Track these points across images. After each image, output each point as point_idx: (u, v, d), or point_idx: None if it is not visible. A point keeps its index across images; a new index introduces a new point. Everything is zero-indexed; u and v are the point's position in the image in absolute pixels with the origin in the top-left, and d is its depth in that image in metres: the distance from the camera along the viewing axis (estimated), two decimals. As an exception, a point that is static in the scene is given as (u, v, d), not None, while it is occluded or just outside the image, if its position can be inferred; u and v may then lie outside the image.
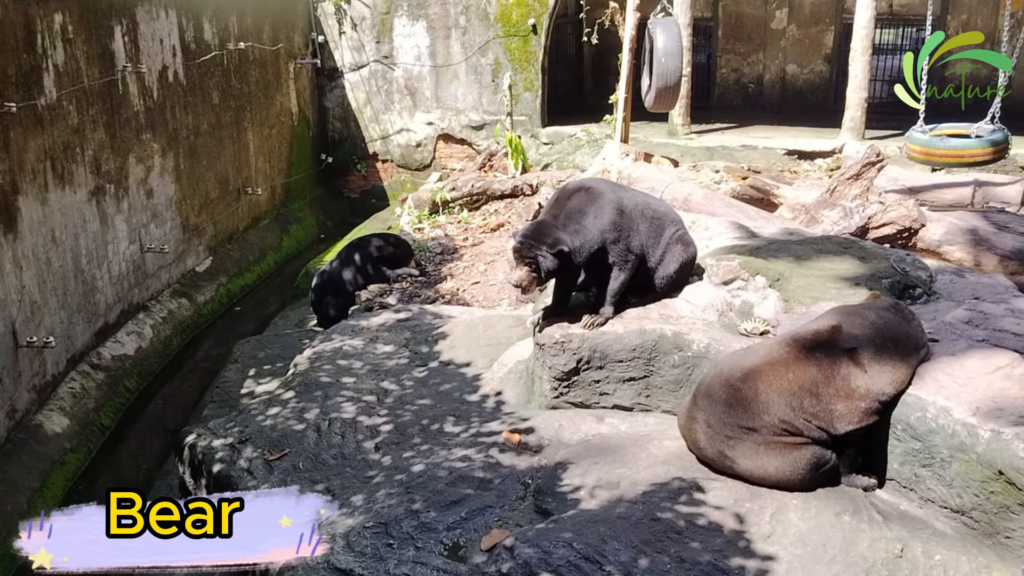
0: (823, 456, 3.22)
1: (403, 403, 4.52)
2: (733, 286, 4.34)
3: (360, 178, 14.12)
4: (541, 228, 3.87)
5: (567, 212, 3.91)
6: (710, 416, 3.35)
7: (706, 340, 3.96)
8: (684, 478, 3.33)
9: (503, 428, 4.06)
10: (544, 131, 12.93)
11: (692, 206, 7.02)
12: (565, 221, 3.88)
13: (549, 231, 3.83)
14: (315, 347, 5.53)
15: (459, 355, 5.08)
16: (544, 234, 3.82)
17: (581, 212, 3.91)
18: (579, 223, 3.89)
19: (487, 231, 9.51)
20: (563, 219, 3.88)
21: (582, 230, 3.89)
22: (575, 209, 3.92)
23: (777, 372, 3.24)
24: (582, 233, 3.88)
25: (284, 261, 11.52)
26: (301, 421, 4.39)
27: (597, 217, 3.91)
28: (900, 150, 9.28)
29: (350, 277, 7.73)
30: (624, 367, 4.06)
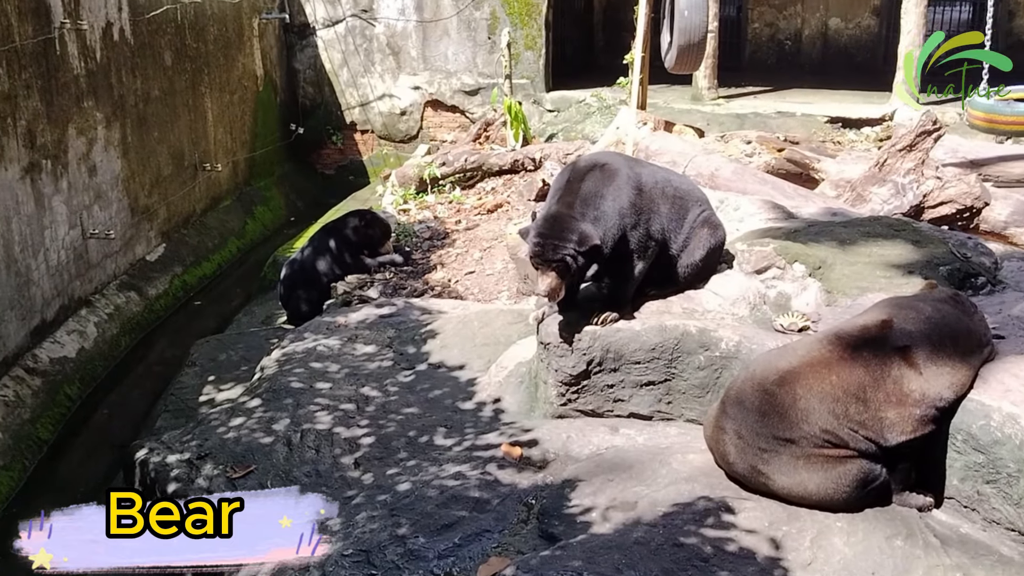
0: (871, 471, 3.21)
1: (387, 412, 4.54)
2: (767, 275, 4.34)
3: (336, 152, 14.11)
4: (559, 222, 3.79)
5: (583, 196, 3.86)
6: (741, 426, 3.35)
7: (736, 338, 3.96)
8: (711, 497, 3.33)
9: (502, 440, 4.07)
10: (548, 96, 12.91)
11: (720, 183, 7.05)
12: (583, 208, 3.83)
13: (570, 224, 3.77)
14: (285, 348, 5.56)
15: (451, 356, 5.09)
16: (566, 229, 3.76)
17: (598, 195, 3.87)
18: (598, 208, 3.85)
19: (483, 212, 9.52)
20: (580, 206, 3.83)
21: (602, 217, 3.85)
22: (591, 192, 3.87)
23: (818, 374, 3.24)
24: (602, 220, 3.84)
25: (248, 248, 11.49)
26: (269, 433, 4.41)
27: (616, 199, 3.89)
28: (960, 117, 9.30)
29: (324, 267, 7.74)
30: (642, 369, 4.07)
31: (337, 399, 4.70)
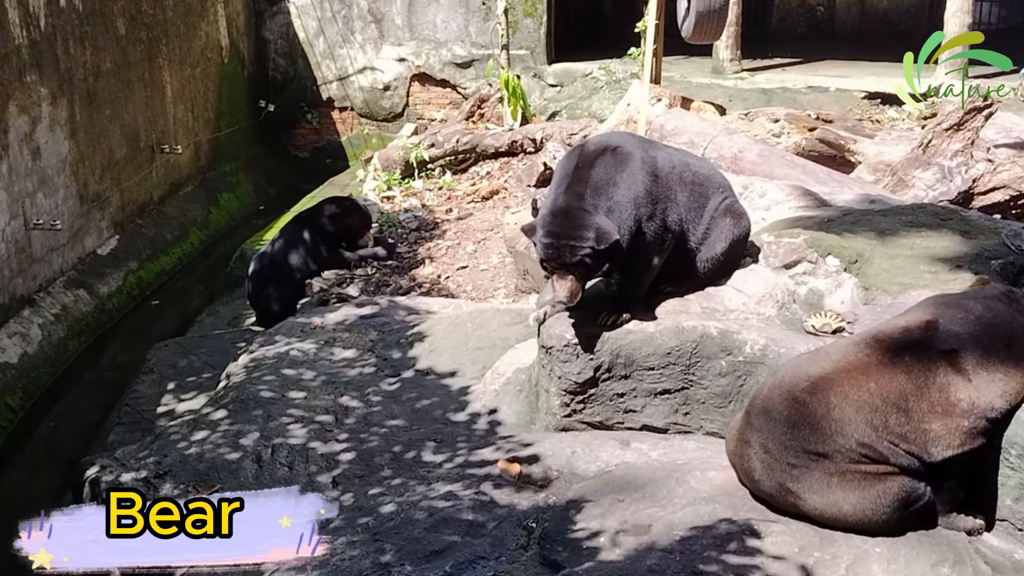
0: (914, 489, 3.21)
1: (368, 425, 4.54)
2: (797, 270, 4.34)
3: (311, 132, 14.12)
4: (572, 217, 3.77)
5: (594, 185, 3.85)
6: (768, 439, 3.35)
7: (762, 340, 3.97)
8: (734, 520, 3.33)
9: (499, 456, 4.07)
10: (550, 69, 12.92)
11: (744, 166, 7.06)
12: (594, 198, 3.82)
13: (584, 219, 3.75)
14: (253, 352, 5.56)
15: (441, 362, 5.10)
16: (580, 225, 3.74)
17: (610, 183, 3.86)
18: (611, 198, 3.85)
19: (477, 200, 9.52)
20: (591, 196, 3.82)
21: (616, 208, 3.84)
22: (603, 180, 3.86)
23: (855, 381, 3.24)
24: (617, 212, 3.84)
25: (212, 240, 11.49)
26: (236, 448, 4.42)
27: (630, 187, 3.89)
28: (1015, 92, 9.25)
29: (298, 261, 7.75)
30: (656, 376, 4.07)
31: (312, 410, 4.70)
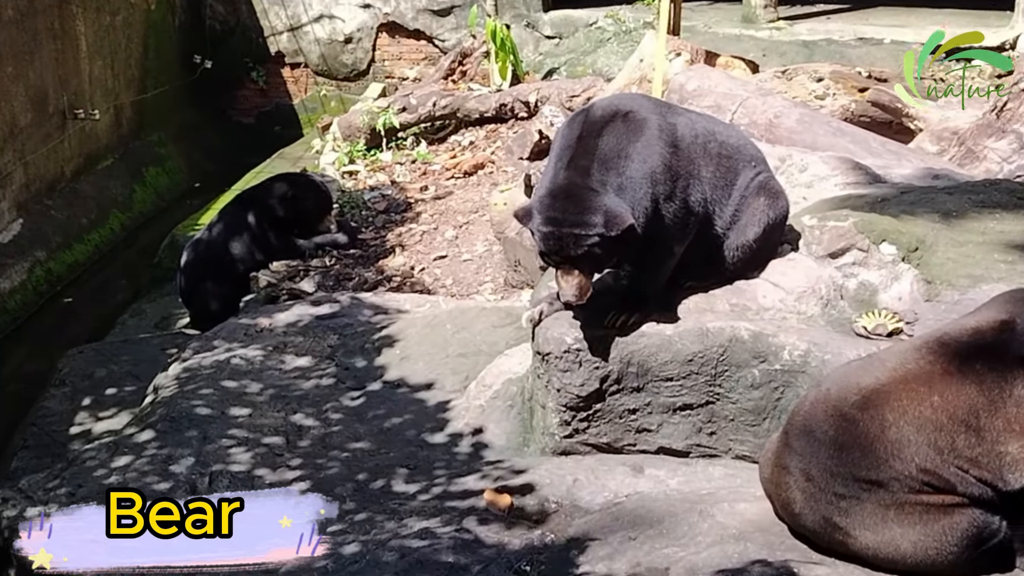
0: (987, 524, 3.20)
1: (327, 448, 4.54)
2: (845, 260, 4.35)
3: (256, 93, 14.07)
4: (576, 198, 3.77)
5: (602, 157, 3.86)
6: (810, 464, 3.34)
7: (803, 345, 3.97)
8: (770, 561, 3.30)
9: (485, 485, 4.07)
10: (547, 18, 12.88)
11: (781, 134, 7.06)
12: (602, 174, 3.83)
13: (590, 200, 3.76)
14: (187, 361, 5.56)
15: (415, 371, 5.12)
16: (587, 208, 3.74)
17: (622, 155, 3.87)
18: (622, 174, 3.86)
19: (458, 176, 9.53)
20: (598, 171, 3.83)
21: (629, 185, 3.86)
22: (613, 151, 3.87)
23: (915, 394, 3.23)
24: (630, 190, 3.85)
25: (137, 224, 11.47)
26: (166, 477, 4.39)
27: (645, 160, 3.90)
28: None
29: (241, 250, 7.78)
30: (675, 388, 4.07)
31: (259, 430, 4.70)
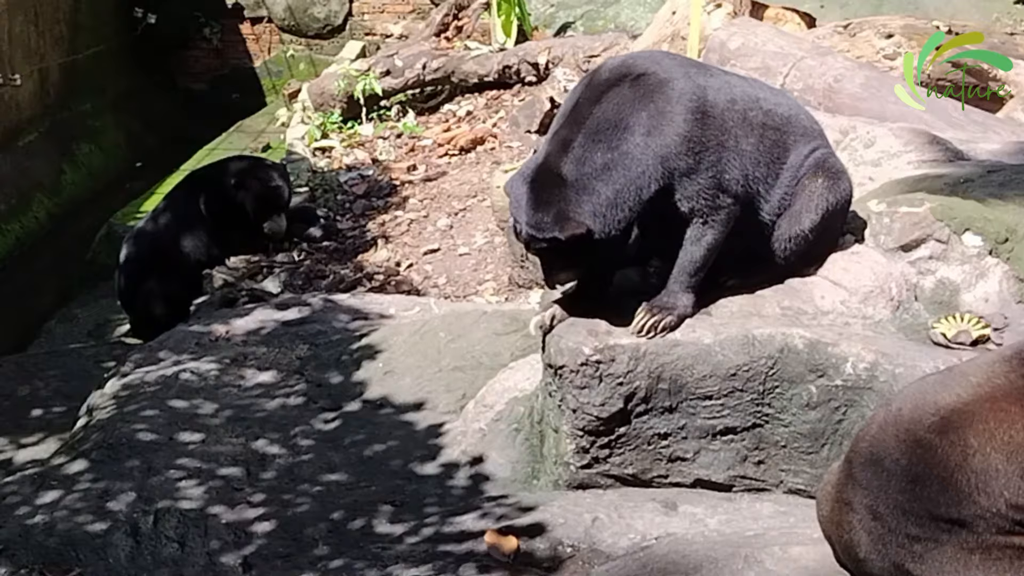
0: (1091, 571, 3.07)
1: (296, 481, 4.54)
2: (920, 253, 4.33)
3: (210, 54, 14.02)
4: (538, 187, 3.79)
5: (592, 128, 3.83)
6: (879, 500, 3.23)
7: (870, 356, 3.93)
8: (831, 618, 3.27)
9: (486, 525, 4.04)
10: (559, -37, 13.01)
11: (842, 102, 7.05)
12: (585, 151, 3.81)
13: (550, 192, 3.76)
14: (127, 376, 5.53)
15: (401, 389, 5.11)
16: (543, 202, 3.76)
17: (619, 126, 3.81)
18: (615, 148, 3.81)
19: (453, 152, 9.49)
20: (580, 148, 3.82)
21: (619, 164, 3.80)
22: (609, 121, 3.83)
23: (1004, 415, 3.14)
24: (618, 171, 3.79)
25: (66, 212, 11.43)
26: (102, 516, 4.33)
27: (651, 132, 3.82)
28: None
29: (192, 243, 7.77)
30: (715, 408, 4.03)
31: (214, 460, 4.67)
